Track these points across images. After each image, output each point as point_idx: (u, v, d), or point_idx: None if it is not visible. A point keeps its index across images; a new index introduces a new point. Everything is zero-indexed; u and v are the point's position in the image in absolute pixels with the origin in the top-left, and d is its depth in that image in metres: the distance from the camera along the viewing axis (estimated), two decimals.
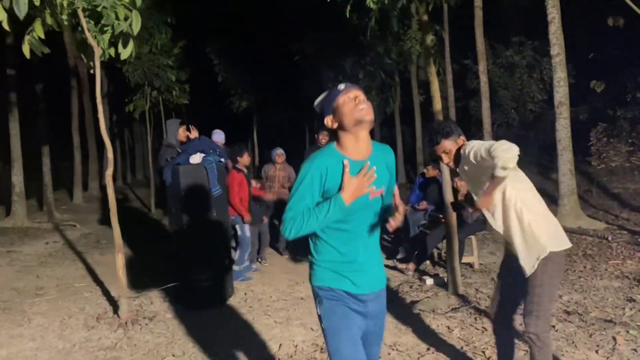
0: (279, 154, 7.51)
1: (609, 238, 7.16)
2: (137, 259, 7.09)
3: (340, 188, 2.04)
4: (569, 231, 7.72)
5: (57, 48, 12.57)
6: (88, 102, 16.43)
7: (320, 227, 2.06)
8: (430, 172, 6.68)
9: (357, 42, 7.67)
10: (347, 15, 5.25)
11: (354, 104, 2.04)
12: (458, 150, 2.98)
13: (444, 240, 6.17)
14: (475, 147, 2.81)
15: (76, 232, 9.78)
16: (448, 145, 3.00)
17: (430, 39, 5.02)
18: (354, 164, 2.06)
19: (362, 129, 2.05)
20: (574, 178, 8.29)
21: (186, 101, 14.25)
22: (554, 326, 4.13)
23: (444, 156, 3.04)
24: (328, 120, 2.13)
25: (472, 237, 6.17)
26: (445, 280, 5.45)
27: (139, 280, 5.77)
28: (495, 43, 15.21)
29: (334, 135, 2.14)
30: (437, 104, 4.95)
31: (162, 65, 12.44)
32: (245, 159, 6.15)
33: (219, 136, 6.40)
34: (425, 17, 4.98)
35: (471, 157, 2.81)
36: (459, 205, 3.69)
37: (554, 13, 8.05)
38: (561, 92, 8.15)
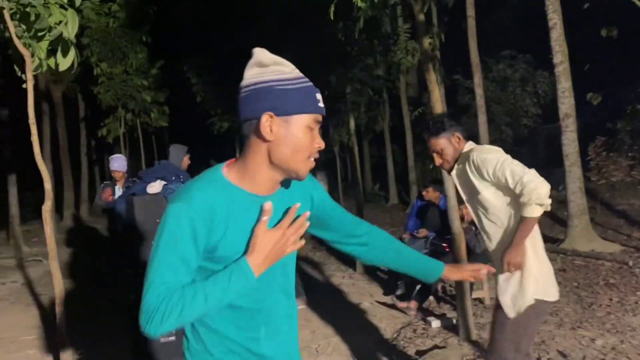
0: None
1: (630, 263, 6.42)
2: (88, 306, 6.15)
3: (244, 248, 1.30)
4: (582, 255, 7.01)
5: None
6: (62, 127, 15.63)
7: (210, 311, 1.29)
8: (430, 194, 5.89)
9: (344, 53, 7.02)
10: (332, 17, 4.54)
11: (310, 148, 1.32)
12: (456, 150, 2.65)
13: None
14: (496, 164, 2.42)
15: (41, 268, 8.88)
16: (439, 144, 2.67)
17: (427, 41, 4.31)
18: (252, 202, 1.33)
19: (285, 175, 1.35)
20: (584, 197, 7.59)
21: (165, 123, 13.53)
22: None
23: (435, 156, 2.72)
24: (267, 122, 1.26)
25: None
26: (455, 321, 4.67)
27: (89, 332, 4.93)
28: (486, 57, 14.70)
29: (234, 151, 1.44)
30: None
31: (137, 86, 11.71)
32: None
33: (119, 163, 5.98)
34: (421, 17, 4.28)
35: (487, 173, 2.45)
36: None
37: (555, 19, 7.43)
38: (567, 104, 7.49)
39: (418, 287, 5.28)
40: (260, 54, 1.33)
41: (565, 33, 7.50)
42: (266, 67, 1.31)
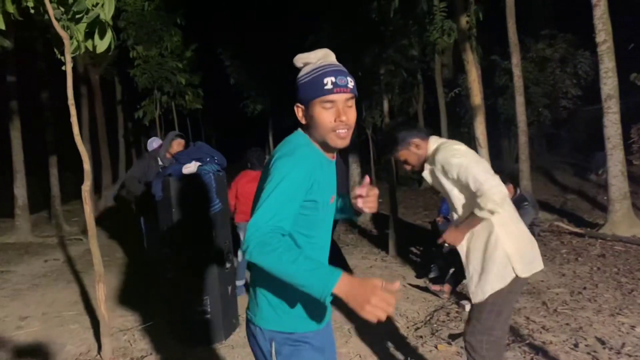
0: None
1: None
2: (128, 285, 6.31)
3: (325, 195, 1.72)
4: (622, 241, 6.81)
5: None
6: (100, 110, 15.95)
7: (280, 276, 1.44)
8: None
9: (378, 33, 6.89)
10: None
11: (333, 124, 1.64)
12: (418, 155, 2.78)
13: None
14: (459, 168, 2.58)
15: (81, 246, 9.15)
16: (400, 156, 2.81)
17: (465, 19, 4.20)
18: (328, 164, 1.76)
19: (331, 147, 1.71)
20: (627, 180, 7.34)
21: (199, 105, 13.62)
22: None
23: (403, 165, 2.87)
24: (298, 111, 1.73)
25: None
26: None
27: (128, 311, 5.06)
28: (524, 37, 14.27)
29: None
30: (476, 97, 4.14)
31: (172, 68, 11.81)
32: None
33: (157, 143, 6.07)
34: None
35: (452, 176, 2.62)
36: None
37: None
38: (609, 84, 7.23)
39: (452, 270, 5.23)
40: (299, 60, 1.73)
41: (609, 11, 7.21)
42: (300, 69, 1.73)
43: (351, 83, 1.65)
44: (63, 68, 3.78)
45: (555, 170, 14.33)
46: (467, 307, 4.68)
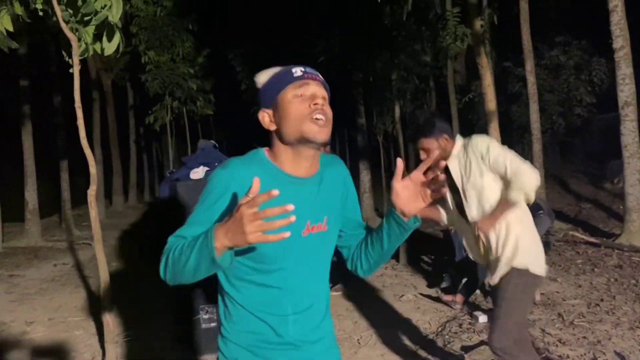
0: None
1: None
2: (134, 291, 6.23)
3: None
4: None
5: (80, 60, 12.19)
6: (112, 115, 16.03)
7: (188, 278, 1.28)
8: None
9: (390, 38, 6.82)
10: (378, 0, 4.39)
11: (309, 109, 1.36)
12: (442, 150, 2.80)
13: None
14: (500, 151, 2.66)
15: (90, 251, 9.10)
16: (427, 143, 2.82)
17: (479, 24, 4.10)
18: (290, 183, 1.39)
19: (308, 148, 1.39)
20: None
21: (211, 111, 13.61)
22: None
23: (421, 152, 2.86)
24: (264, 116, 1.44)
25: None
26: None
27: (133, 317, 4.99)
28: (538, 43, 14.13)
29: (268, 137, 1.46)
30: (491, 103, 4.03)
31: (184, 74, 11.81)
32: None
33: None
34: None
35: (489, 160, 2.65)
36: None
37: (615, 1, 7.01)
38: (627, 91, 7.08)
39: (464, 280, 5.11)
40: (259, 75, 1.48)
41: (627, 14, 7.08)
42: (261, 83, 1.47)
43: (320, 77, 1.44)
44: (71, 71, 3.73)
45: (569, 179, 14.14)
46: (481, 319, 4.55)
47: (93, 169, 3.73)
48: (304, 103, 1.36)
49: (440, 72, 13.79)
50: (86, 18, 3.68)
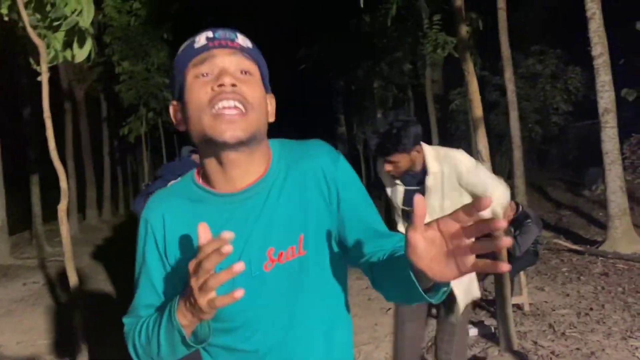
0: None
1: None
2: (109, 310, 5.95)
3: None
4: (624, 258, 6.62)
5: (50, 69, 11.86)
6: (85, 127, 15.63)
7: (164, 354, 0.97)
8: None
9: (371, 45, 6.73)
10: (362, 5, 4.28)
11: (209, 95, 0.93)
12: (412, 162, 2.58)
13: (486, 278, 5.14)
14: (471, 168, 2.55)
15: (62, 268, 8.76)
16: (399, 158, 2.53)
17: (465, 29, 4.01)
18: (223, 203, 1.01)
19: (224, 151, 0.96)
20: (625, 196, 7.18)
21: None
22: None
23: (388, 165, 2.59)
24: (172, 111, 1.05)
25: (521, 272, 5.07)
26: (494, 330, 4.36)
27: (107, 339, 4.73)
28: (514, 52, 14.26)
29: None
30: (478, 109, 3.93)
31: (159, 84, 11.58)
32: None
33: None
34: (458, 2, 3.99)
35: (467, 177, 2.53)
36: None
37: (594, 8, 7.04)
38: (606, 98, 7.10)
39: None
40: None
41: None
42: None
43: (243, 40, 1.00)
44: (38, 79, 3.52)
45: (547, 187, 14.21)
46: (471, 332, 4.42)
47: (64, 182, 3.51)
48: (205, 86, 0.94)
49: (418, 82, 13.82)
50: (55, 23, 3.49)
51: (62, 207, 3.50)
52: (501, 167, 15.75)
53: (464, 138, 14.23)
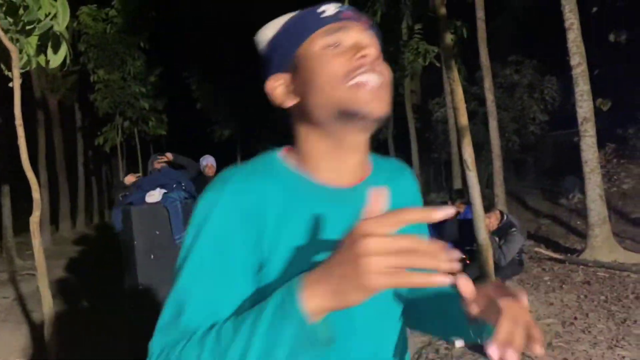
0: (209, 164, 5.79)
1: None
2: (85, 326, 5.75)
3: (307, 264, 0.73)
4: (605, 266, 6.64)
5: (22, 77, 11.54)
6: (59, 136, 15.29)
7: None
8: (460, 207, 5.54)
9: None
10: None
11: (349, 65, 0.82)
12: None
13: None
14: None
15: (34, 282, 8.38)
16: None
17: (450, 37, 3.98)
18: (328, 201, 0.84)
19: (355, 129, 0.85)
20: (605, 204, 7.24)
21: (163, 132, 13.20)
22: None
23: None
24: (275, 86, 0.90)
25: (507, 282, 5.04)
26: (480, 341, 4.30)
27: (84, 357, 4.55)
28: (491, 62, 14.43)
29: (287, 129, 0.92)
30: (463, 117, 3.89)
31: (135, 93, 11.39)
32: None
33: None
34: (443, 10, 3.95)
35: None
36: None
37: (572, 19, 7.11)
38: (585, 107, 7.16)
39: None
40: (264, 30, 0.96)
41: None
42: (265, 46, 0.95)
43: (369, 21, 0.92)
44: (10, 85, 3.36)
45: (525, 196, 14.34)
46: (457, 344, 4.35)
47: (36, 193, 3.35)
48: (341, 57, 0.83)
49: (396, 92, 13.86)
50: (28, 27, 3.34)
51: (34, 218, 3.34)
52: (480, 176, 15.89)
53: (444, 148, 14.29)
